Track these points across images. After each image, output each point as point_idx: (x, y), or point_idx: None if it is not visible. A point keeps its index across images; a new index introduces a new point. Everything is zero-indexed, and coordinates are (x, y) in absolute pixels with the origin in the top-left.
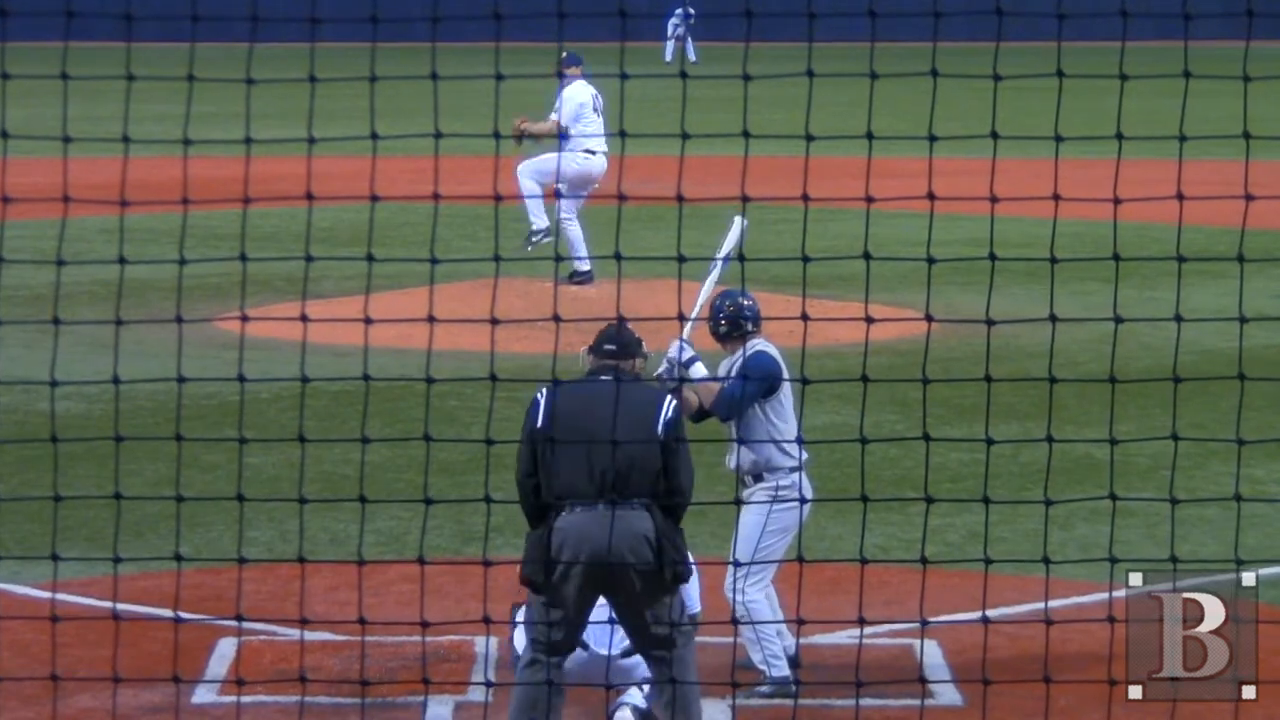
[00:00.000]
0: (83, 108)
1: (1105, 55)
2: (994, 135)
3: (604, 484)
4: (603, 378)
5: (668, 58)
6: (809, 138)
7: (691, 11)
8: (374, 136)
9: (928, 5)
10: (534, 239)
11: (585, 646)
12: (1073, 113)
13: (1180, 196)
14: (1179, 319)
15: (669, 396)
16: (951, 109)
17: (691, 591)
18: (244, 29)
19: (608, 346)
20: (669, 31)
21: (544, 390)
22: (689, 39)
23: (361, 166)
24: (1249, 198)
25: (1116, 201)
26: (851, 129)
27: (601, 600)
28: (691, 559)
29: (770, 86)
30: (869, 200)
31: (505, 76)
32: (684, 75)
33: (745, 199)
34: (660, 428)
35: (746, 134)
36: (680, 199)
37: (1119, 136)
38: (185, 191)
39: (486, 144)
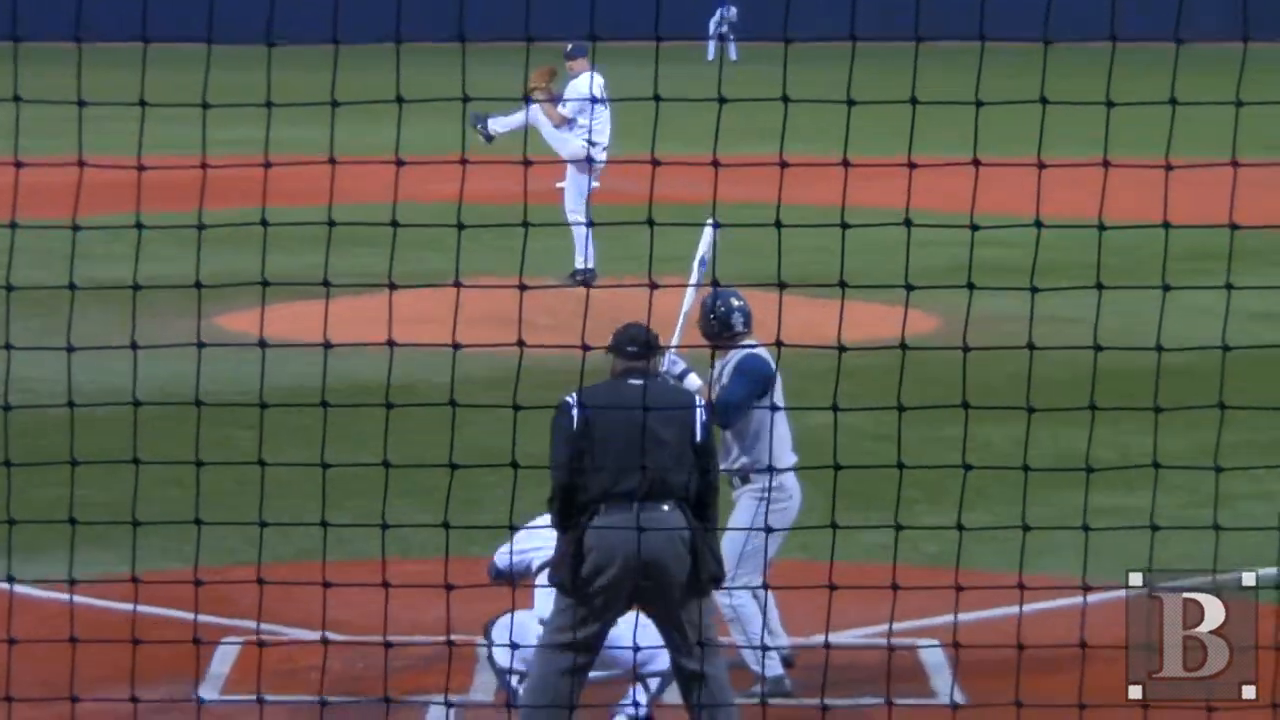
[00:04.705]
0: (90, 107)
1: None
2: (975, 161)
3: (641, 485)
4: (631, 381)
5: (710, 57)
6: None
7: (733, 9)
8: (399, 161)
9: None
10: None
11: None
12: (1072, 110)
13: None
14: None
15: (698, 398)
16: (950, 109)
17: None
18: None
19: (631, 348)
20: (711, 30)
21: (572, 394)
22: (731, 38)
23: (368, 167)
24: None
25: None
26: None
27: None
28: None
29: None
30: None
31: (531, 101)
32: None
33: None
34: (700, 433)
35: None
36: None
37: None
38: (201, 190)
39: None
